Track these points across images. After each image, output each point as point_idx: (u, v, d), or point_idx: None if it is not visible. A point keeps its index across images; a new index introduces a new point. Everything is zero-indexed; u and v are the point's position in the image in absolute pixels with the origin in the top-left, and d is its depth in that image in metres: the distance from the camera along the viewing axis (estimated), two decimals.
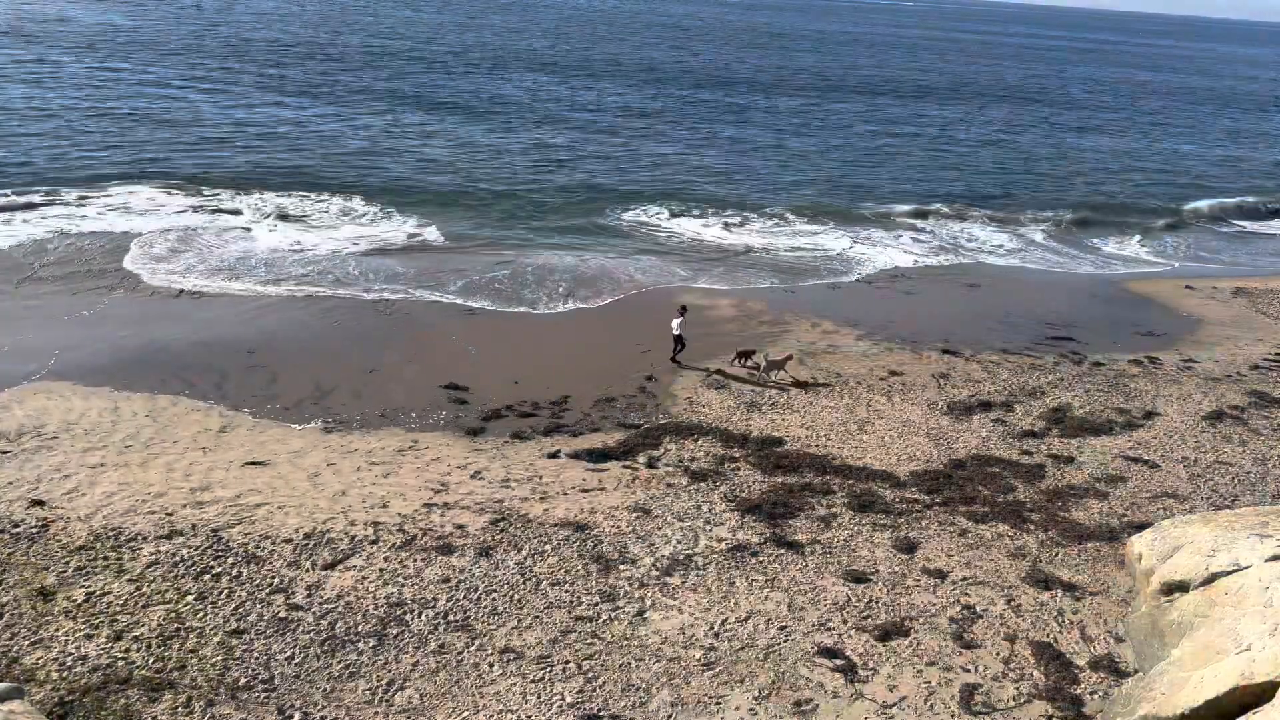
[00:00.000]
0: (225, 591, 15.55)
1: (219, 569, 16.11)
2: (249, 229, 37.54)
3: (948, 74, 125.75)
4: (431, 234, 38.97)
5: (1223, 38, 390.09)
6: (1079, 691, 14.39)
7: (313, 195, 42.66)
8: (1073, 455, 22.69)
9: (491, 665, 14.29)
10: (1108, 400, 26.12)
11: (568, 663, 14.42)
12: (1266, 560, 13.28)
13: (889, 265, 39.46)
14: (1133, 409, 25.57)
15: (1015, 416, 24.78)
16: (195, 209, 39.38)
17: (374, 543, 17.20)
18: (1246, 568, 13.64)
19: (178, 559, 16.23)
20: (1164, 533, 16.02)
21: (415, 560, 16.74)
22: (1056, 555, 18.19)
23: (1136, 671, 14.53)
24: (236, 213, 39.40)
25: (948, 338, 30.25)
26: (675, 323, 27.01)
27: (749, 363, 26.90)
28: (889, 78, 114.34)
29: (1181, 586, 14.60)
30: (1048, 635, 15.75)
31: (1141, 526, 18.45)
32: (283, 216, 39.40)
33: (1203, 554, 14.59)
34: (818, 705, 13.83)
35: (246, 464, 19.79)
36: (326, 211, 40.60)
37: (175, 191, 41.26)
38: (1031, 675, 14.73)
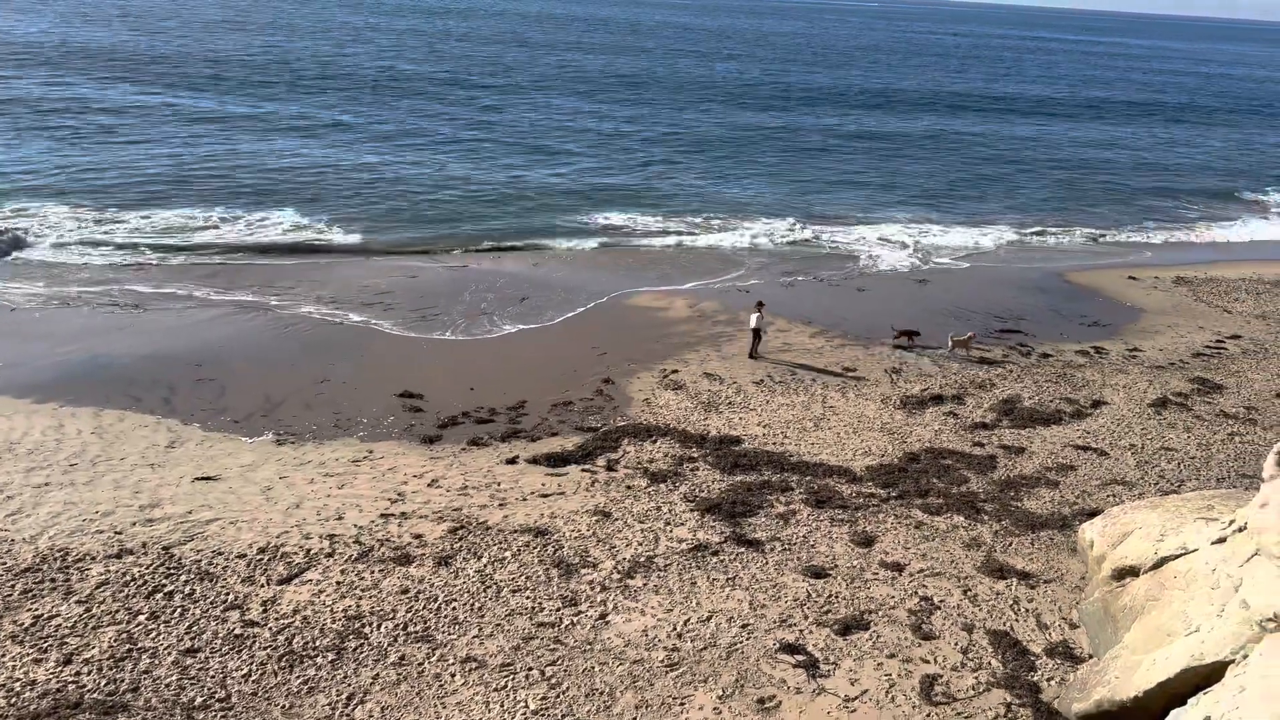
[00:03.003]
0: (178, 610, 15.25)
1: (171, 587, 15.79)
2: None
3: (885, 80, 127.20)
4: (376, 241, 38.55)
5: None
6: (1036, 678, 14.63)
7: (244, 209, 41.95)
8: (1023, 445, 23.07)
9: (453, 675, 14.17)
10: (1056, 390, 26.60)
11: (530, 669, 14.35)
12: (1213, 543, 13.61)
13: (852, 263, 39.86)
14: (1080, 398, 26.06)
15: (967, 409, 25.14)
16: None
17: (330, 555, 16.98)
18: (1194, 551, 13.96)
19: (128, 578, 15.89)
20: (1114, 519, 16.37)
21: (373, 572, 16.55)
22: (1010, 544, 18.49)
23: (1091, 656, 14.81)
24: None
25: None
26: (753, 317, 27.72)
27: (910, 341, 29.51)
28: (846, 86, 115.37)
29: (1132, 571, 14.92)
30: (1004, 624, 16.00)
31: (1092, 514, 18.84)
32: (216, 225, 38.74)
33: (1151, 539, 14.92)
34: (781, 702, 13.91)
35: (197, 479, 19.42)
36: (264, 223, 39.60)
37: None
38: (990, 664, 14.94)
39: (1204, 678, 11.50)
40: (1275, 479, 13.14)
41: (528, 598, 16.08)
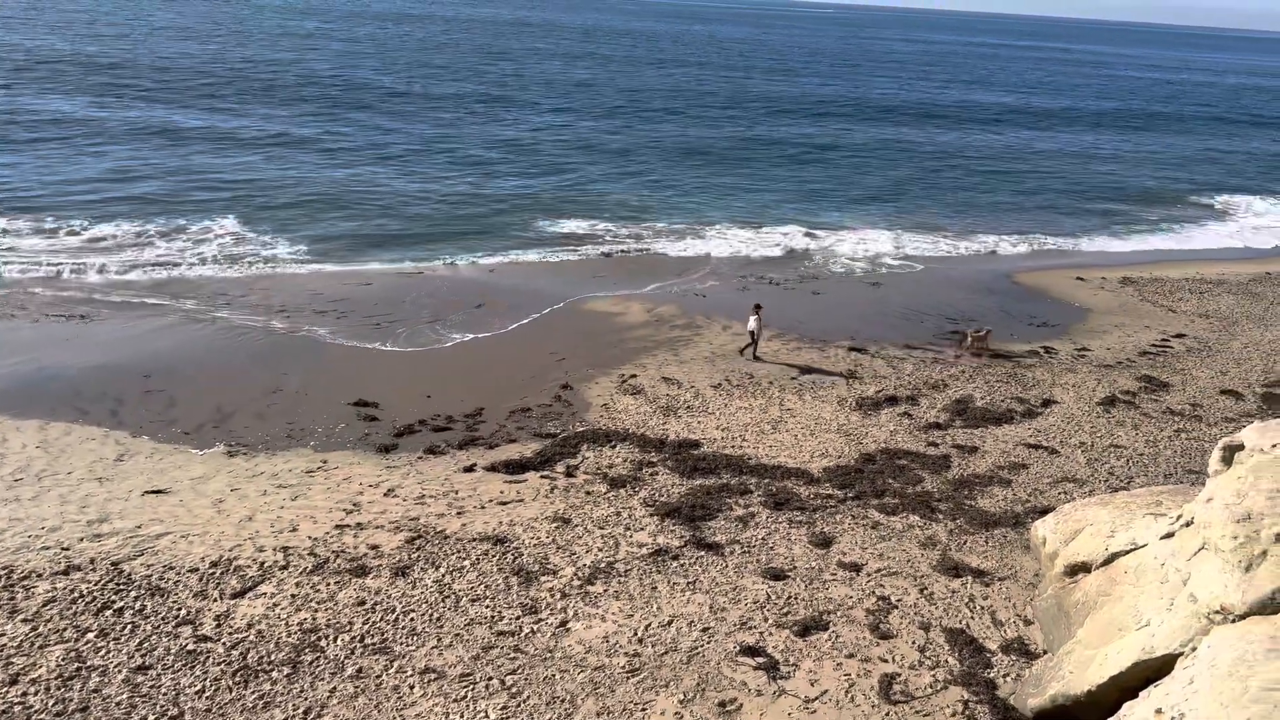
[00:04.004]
0: (128, 626, 14.92)
1: (121, 603, 15.45)
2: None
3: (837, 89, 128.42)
4: (328, 250, 38.08)
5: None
6: (992, 675, 14.82)
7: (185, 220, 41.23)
8: (976, 445, 23.40)
9: (412, 687, 14.01)
10: (1007, 390, 27.02)
11: (490, 679, 14.24)
12: (1161, 538, 13.88)
13: (806, 267, 40.16)
14: (1031, 398, 26.50)
15: (921, 409, 25.43)
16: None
17: (284, 568, 16.72)
18: (1143, 546, 14.24)
19: (76, 595, 15.51)
20: (1065, 516, 16.63)
21: (329, 584, 16.32)
22: (965, 543, 18.73)
23: (1046, 652, 15.04)
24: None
25: (854, 335, 30.92)
26: (751, 320, 28.05)
27: (972, 344, 30.18)
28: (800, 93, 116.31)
29: (1084, 567, 15.18)
30: (960, 622, 16.19)
31: (1044, 511, 19.15)
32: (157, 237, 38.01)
33: (1102, 535, 15.19)
34: (742, 704, 13.95)
35: (146, 493, 19.03)
36: (211, 233, 38.81)
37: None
38: (947, 662, 15.11)
39: (1155, 670, 11.72)
40: (1220, 474, 13.44)
41: (487, 606, 15.97)
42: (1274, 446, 13.00)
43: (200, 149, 54.20)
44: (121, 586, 15.89)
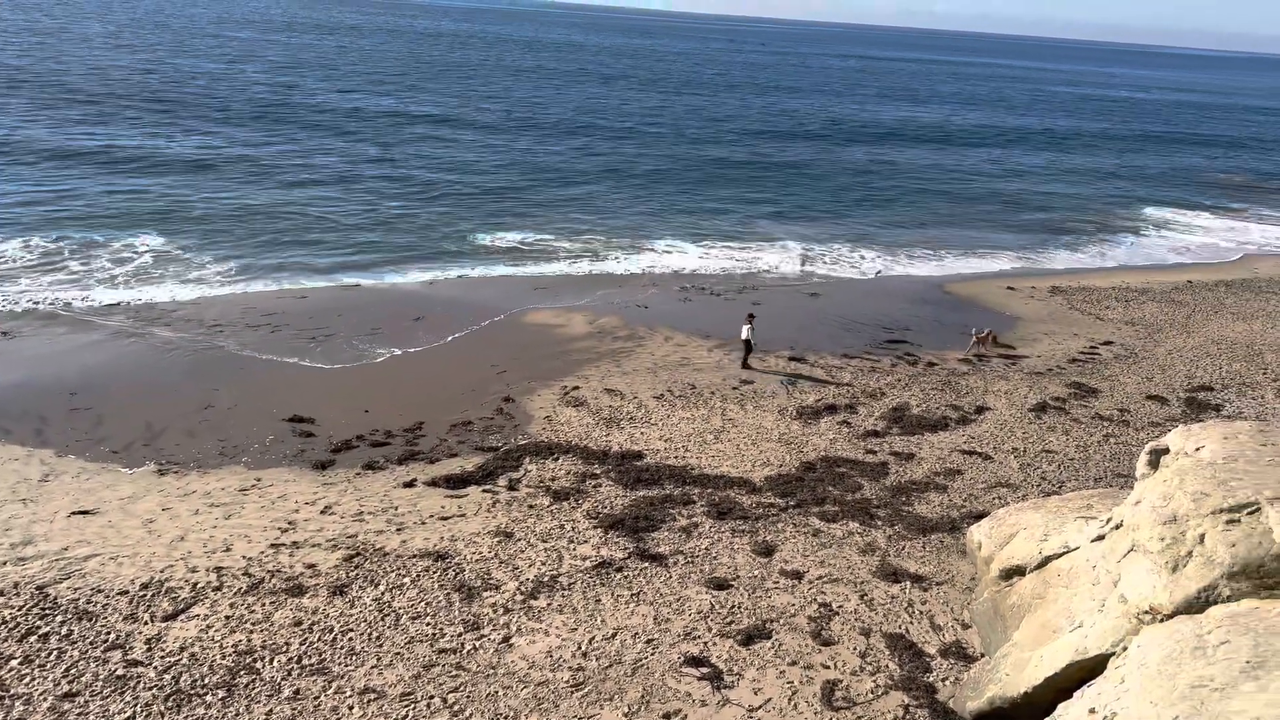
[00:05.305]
0: (54, 652, 14.41)
1: (46, 629, 14.92)
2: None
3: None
4: (260, 266, 37.36)
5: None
6: (932, 679, 15.02)
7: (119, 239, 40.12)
8: (913, 452, 23.76)
9: (351, 707, 13.75)
10: (942, 398, 27.51)
11: (432, 697, 14.03)
12: (1092, 541, 14.20)
13: (746, 278, 40.47)
14: (965, 405, 27.01)
15: (859, 417, 25.76)
16: None
17: (218, 589, 16.30)
18: (1075, 549, 14.56)
19: None
20: (1000, 521, 16.94)
21: (264, 604, 15.96)
22: (903, 548, 18.99)
23: (983, 655, 15.29)
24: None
25: (793, 345, 31.21)
26: (744, 329, 28.50)
27: (976, 344, 31.40)
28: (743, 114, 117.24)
29: (1019, 571, 15.46)
30: (900, 626, 16.40)
31: (979, 516, 19.50)
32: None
33: (1036, 539, 15.50)
34: (686, 716, 13.94)
35: (73, 513, 18.43)
36: (130, 253, 37.33)
37: None
38: (887, 667, 15.29)
39: (1088, 670, 11.97)
40: (1147, 477, 13.83)
41: (428, 624, 15.74)
42: (1197, 450, 13.42)
43: (124, 166, 52.63)
44: (47, 611, 15.35)
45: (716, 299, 36.86)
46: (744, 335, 28.83)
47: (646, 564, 17.84)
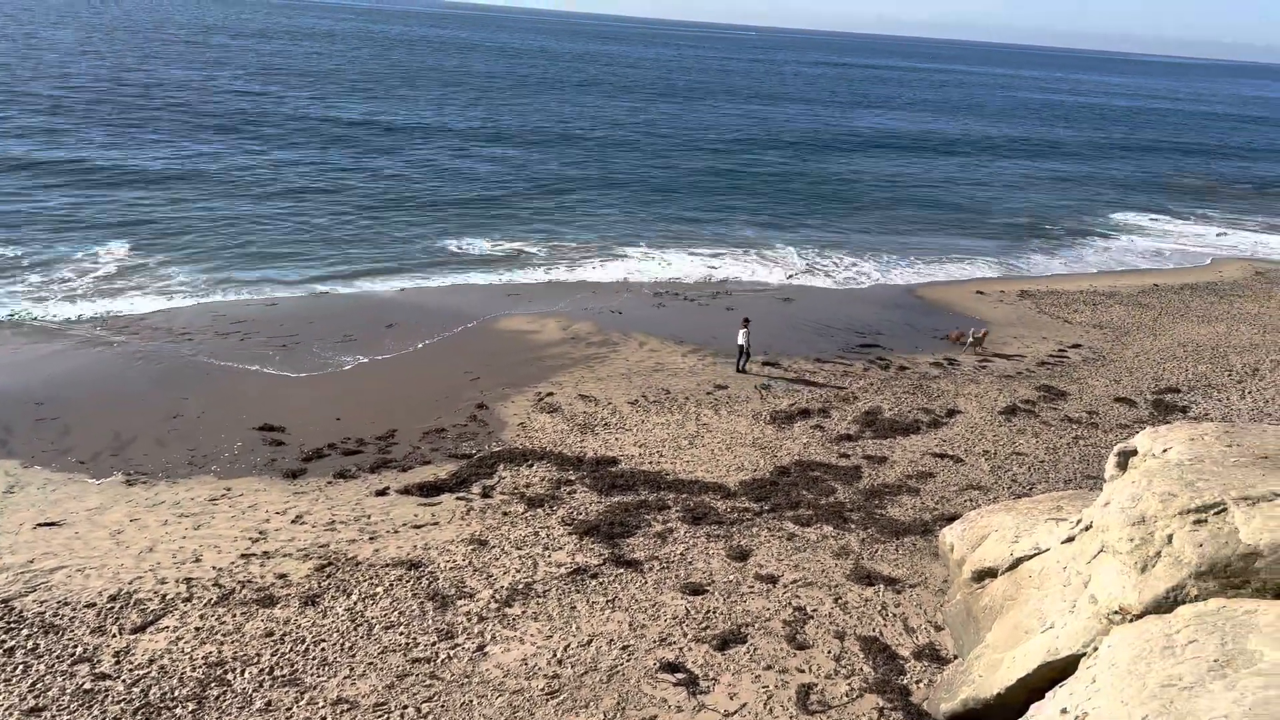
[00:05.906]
0: (20, 667, 14.17)
1: (11, 643, 14.67)
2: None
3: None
4: (234, 274, 36.97)
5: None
6: (906, 681, 15.10)
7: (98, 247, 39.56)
8: (886, 455, 23.90)
9: (324, 719, 13.61)
10: (914, 401, 27.70)
11: (406, 708, 13.92)
12: (1063, 542, 14.33)
13: (720, 284, 40.57)
14: (936, 408, 27.21)
15: (832, 421, 25.88)
16: None
17: (188, 600, 16.10)
18: (1046, 551, 14.68)
19: None
20: (972, 523, 17.05)
21: (234, 615, 15.77)
22: (877, 552, 19.08)
23: (956, 657, 15.38)
24: None
25: (767, 350, 31.31)
26: (740, 334, 28.63)
27: (973, 344, 32.20)
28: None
29: (990, 572, 15.57)
30: (874, 630, 16.47)
31: (951, 518, 19.63)
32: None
33: (1007, 540, 15.61)
34: None
35: (39, 525, 18.14)
36: (96, 263, 36.62)
37: None
38: (862, 670, 15.34)
39: (1060, 671, 12.07)
40: (1116, 479, 13.98)
41: (401, 633, 15.63)
42: (1165, 451, 13.58)
43: (91, 176, 51.84)
44: (12, 625, 15.10)
45: (691, 305, 36.93)
46: (740, 340, 28.93)
47: (621, 570, 17.81)
